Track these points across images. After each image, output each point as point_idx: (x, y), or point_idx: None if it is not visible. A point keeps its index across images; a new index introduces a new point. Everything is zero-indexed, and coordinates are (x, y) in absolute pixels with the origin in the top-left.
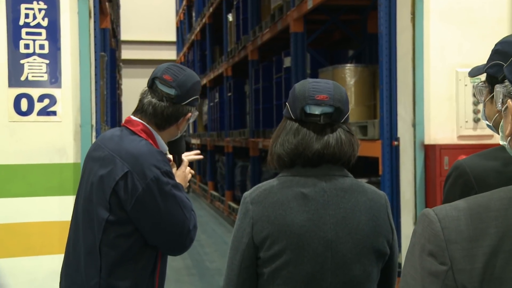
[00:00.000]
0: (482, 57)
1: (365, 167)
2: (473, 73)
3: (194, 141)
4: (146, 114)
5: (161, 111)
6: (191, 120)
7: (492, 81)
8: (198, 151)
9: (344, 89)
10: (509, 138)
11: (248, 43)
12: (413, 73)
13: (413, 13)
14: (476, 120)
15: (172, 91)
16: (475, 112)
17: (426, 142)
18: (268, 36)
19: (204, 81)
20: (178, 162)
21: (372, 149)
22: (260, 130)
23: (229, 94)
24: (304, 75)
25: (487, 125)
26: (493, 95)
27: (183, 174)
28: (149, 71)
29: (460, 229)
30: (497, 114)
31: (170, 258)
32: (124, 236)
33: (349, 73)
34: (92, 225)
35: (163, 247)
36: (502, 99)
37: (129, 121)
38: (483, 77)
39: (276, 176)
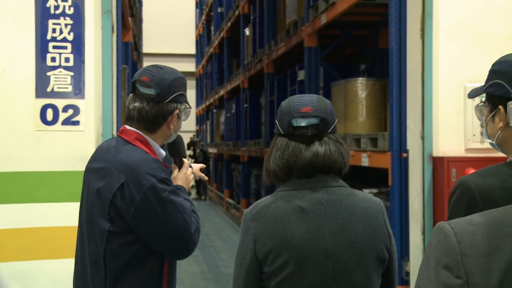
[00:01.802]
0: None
1: (376, 178)
2: (473, 94)
3: (211, 150)
4: (134, 120)
5: (145, 114)
6: (184, 117)
7: (492, 100)
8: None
9: (329, 102)
10: (498, 132)
11: (264, 56)
12: (422, 87)
13: (422, 30)
14: (482, 135)
15: (152, 91)
16: (483, 126)
17: (435, 154)
18: (283, 50)
19: (222, 92)
20: (180, 164)
21: (382, 161)
22: None
23: (245, 105)
24: (317, 88)
25: (490, 143)
26: (494, 113)
27: (184, 176)
28: None
29: (476, 243)
30: (499, 132)
31: (186, 263)
32: (127, 245)
33: (361, 86)
34: (95, 236)
35: (167, 252)
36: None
37: (123, 131)
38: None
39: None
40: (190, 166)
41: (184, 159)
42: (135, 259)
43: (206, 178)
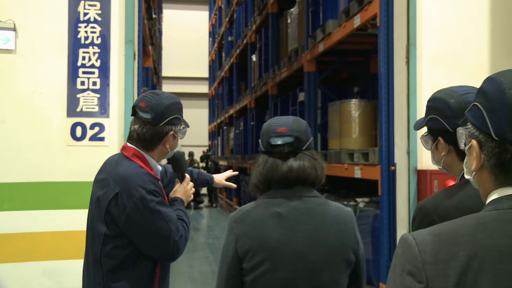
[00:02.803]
0: None
1: (368, 188)
2: (417, 126)
3: (222, 162)
4: (133, 140)
5: (143, 135)
6: (180, 137)
7: (433, 132)
8: (233, 171)
9: (305, 123)
10: (474, 173)
11: (269, 80)
12: (408, 108)
13: (407, 57)
14: None
15: (148, 116)
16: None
17: (419, 167)
18: (286, 74)
19: (231, 111)
20: (181, 178)
21: (372, 173)
22: None
23: (252, 123)
24: (315, 108)
25: (439, 168)
26: (436, 143)
27: (183, 189)
28: (185, 103)
29: (435, 252)
30: (443, 158)
31: (198, 264)
32: (120, 247)
33: (354, 107)
34: (95, 238)
35: (153, 255)
36: (465, 140)
37: (124, 147)
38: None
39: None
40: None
41: (186, 174)
42: (128, 260)
43: (235, 186)
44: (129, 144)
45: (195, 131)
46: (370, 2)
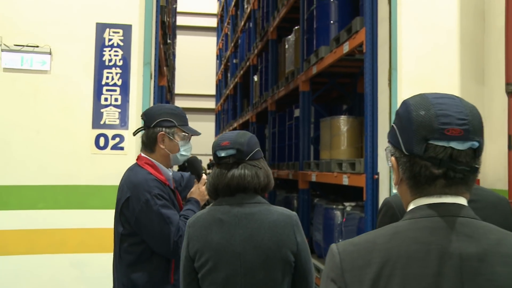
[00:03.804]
0: None
1: (354, 194)
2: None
3: None
4: (142, 146)
5: (144, 138)
6: (178, 139)
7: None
8: None
9: (250, 136)
10: (397, 186)
11: (268, 97)
12: (390, 124)
13: (389, 80)
14: None
15: (143, 122)
16: None
17: None
18: (283, 93)
19: (235, 125)
20: (198, 180)
21: (358, 181)
22: (275, 163)
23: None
24: (309, 123)
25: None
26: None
27: (199, 190)
28: (195, 117)
29: (354, 260)
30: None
31: None
32: (136, 244)
33: (343, 122)
34: (116, 237)
35: (158, 252)
36: (388, 157)
37: (138, 157)
38: None
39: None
40: None
41: (203, 175)
42: (144, 255)
43: None
44: (142, 154)
45: (203, 142)
46: (357, 32)
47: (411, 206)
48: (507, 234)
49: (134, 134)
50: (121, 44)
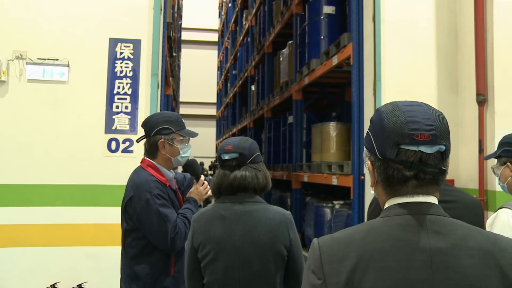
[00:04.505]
0: None
1: (342, 194)
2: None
3: None
4: (144, 152)
5: (147, 146)
6: (177, 144)
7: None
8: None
9: (251, 142)
10: (373, 187)
11: (264, 105)
12: None
13: (374, 90)
14: None
15: (144, 131)
16: None
17: None
18: (278, 101)
19: (234, 130)
20: (197, 181)
21: (346, 181)
22: (271, 165)
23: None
24: (302, 129)
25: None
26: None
27: (197, 191)
28: (198, 123)
29: (333, 253)
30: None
31: None
32: (138, 239)
33: (332, 128)
34: (121, 233)
35: (157, 246)
36: (365, 162)
37: (142, 160)
38: None
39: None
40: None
41: (202, 176)
42: (145, 249)
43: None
44: (146, 158)
45: (205, 146)
46: (345, 46)
47: (386, 205)
48: (473, 230)
49: (137, 141)
50: (131, 57)
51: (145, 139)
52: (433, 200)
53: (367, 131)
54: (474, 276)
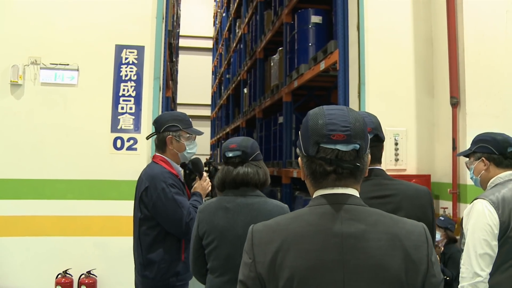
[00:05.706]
0: (399, 120)
1: None
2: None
3: (220, 167)
4: (155, 147)
5: (156, 141)
6: (183, 140)
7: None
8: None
9: (252, 141)
10: (305, 180)
11: (256, 107)
12: None
13: (359, 93)
14: (396, 160)
15: (154, 128)
16: (396, 155)
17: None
18: (269, 103)
19: (228, 129)
20: (200, 177)
21: None
22: None
23: None
24: (291, 129)
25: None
26: None
27: (201, 185)
28: (193, 123)
29: (262, 237)
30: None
31: None
32: (152, 228)
33: None
34: (135, 222)
35: (172, 232)
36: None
37: (154, 156)
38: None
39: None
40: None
41: (204, 173)
42: (159, 237)
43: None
44: (157, 153)
45: (200, 144)
46: (332, 52)
47: (313, 197)
48: (385, 216)
49: (147, 138)
50: (136, 62)
51: (155, 136)
52: (352, 191)
53: (299, 132)
54: (379, 256)
